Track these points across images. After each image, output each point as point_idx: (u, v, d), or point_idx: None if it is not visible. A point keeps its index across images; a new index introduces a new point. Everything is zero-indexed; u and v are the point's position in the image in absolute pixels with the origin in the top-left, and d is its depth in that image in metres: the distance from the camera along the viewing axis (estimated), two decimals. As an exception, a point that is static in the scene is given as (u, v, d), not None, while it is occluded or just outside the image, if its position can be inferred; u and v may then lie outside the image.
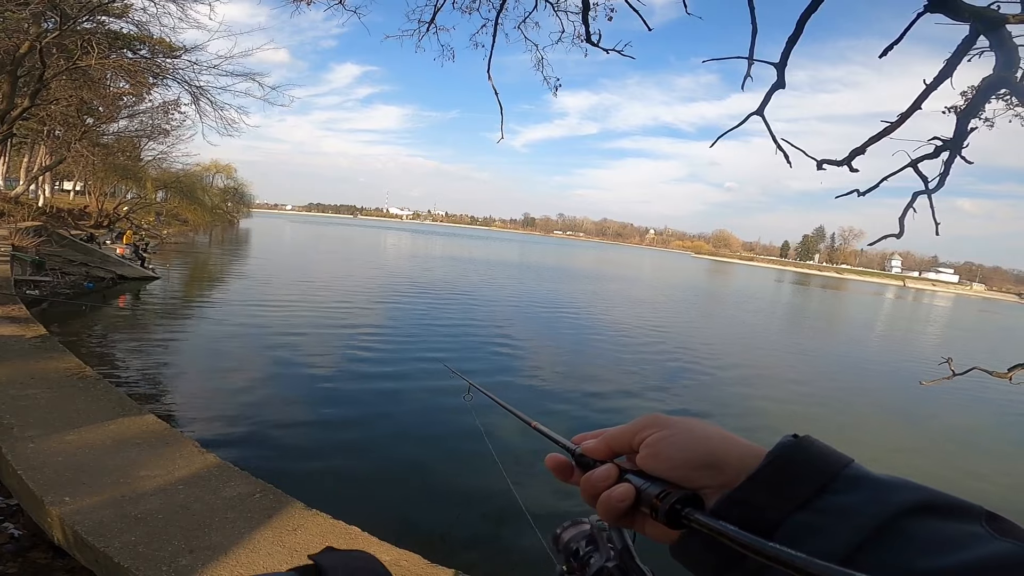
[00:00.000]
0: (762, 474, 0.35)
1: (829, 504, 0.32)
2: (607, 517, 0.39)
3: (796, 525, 0.32)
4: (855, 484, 0.33)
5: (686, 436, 0.38)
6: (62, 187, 38.91)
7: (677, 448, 0.38)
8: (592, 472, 0.40)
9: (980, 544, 0.29)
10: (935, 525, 0.30)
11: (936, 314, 42.60)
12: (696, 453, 0.37)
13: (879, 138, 3.07)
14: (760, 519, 0.33)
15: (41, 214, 19.33)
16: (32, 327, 4.97)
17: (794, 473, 0.34)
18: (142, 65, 15.55)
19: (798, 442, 0.36)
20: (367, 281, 19.21)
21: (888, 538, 0.30)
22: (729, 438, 0.38)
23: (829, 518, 0.32)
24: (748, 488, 0.34)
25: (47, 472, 2.34)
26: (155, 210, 33.17)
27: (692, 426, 0.39)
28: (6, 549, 2.29)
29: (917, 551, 0.29)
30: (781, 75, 3.10)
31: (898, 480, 0.34)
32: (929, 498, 0.32)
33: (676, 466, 0.37)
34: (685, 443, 0.38)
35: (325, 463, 4.93)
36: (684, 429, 0.39)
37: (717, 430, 0.39)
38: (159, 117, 23.61)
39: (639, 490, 0.37)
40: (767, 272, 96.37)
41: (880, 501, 0.32)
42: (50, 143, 22.77)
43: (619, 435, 0.41)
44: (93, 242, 16.54)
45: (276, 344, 9.00)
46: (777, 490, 0.34)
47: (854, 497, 0.32)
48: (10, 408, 2.99)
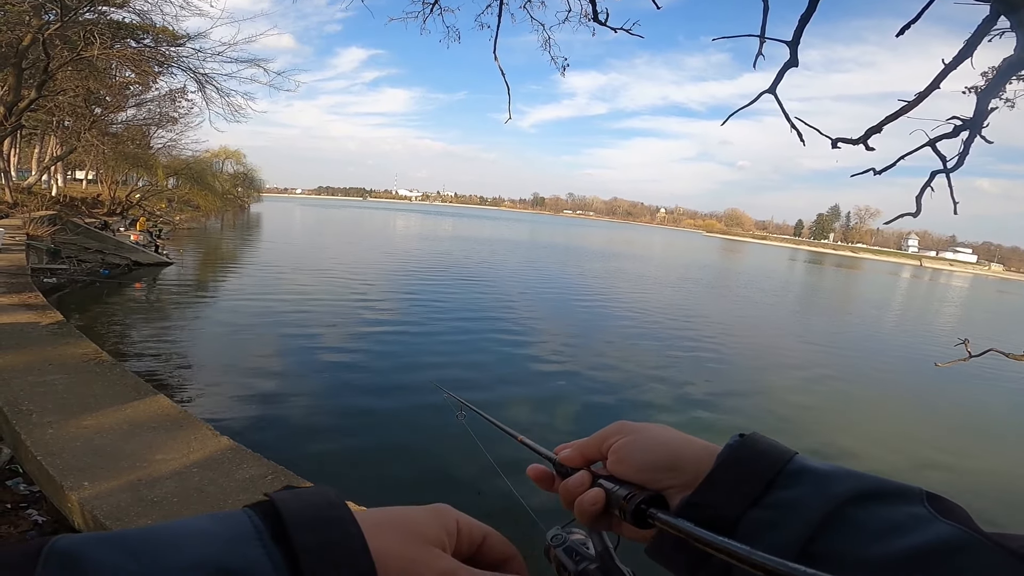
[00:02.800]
0: (715, 475, 0.37)
1: (778, 499, 0.35)
2: (583, 520, 0.41)
3: (752, 521, 0.35)
4: (798, 478, 0.35)
5: (648, 441, 0.41)
6: (74, 176, 39.29)
7: (640, 452, 0.40)
8: (568, 480, 0.43)
9: (924, 526, 0.31)
10: (878, 511, 0.32)
11: (953, 294, 41.94)
12: (657, 456, 0.40)
13: (896, 117, 2.99)
14: (719, 517, 0.35)
15: (55, 203, 19.59)
16: (49, 314, 5.06)
17: (743, 472, 0.37)
18: (146, 54, 15.55)
19: (744, 441, 0.38)
20: (378, 265, 19.28)
21: (836, 527, 0.32)
22: (687, 441, 0.41)
23: (779, 512, 0.34)
24: (704, 489, 0.37)
25: (66, 457, 2.40)
26: (167, 197, 33.43)
27: (654, 432, 0.42)
28: (30, 536, 2.36)
29: (865, 537, 0.31)
30: (794, 53, 3.02)
31: (839, 470, 0.35)
32: (869, 486, 0.33)
33: (641, 469, 0.40)
34: (647, 447, 0.40)
35: (335, 446, 5.01)
36: (646, 435, 0.42)
37: (677, 434, 0.42)
38: (166, 105, 23.72)
39: (609, 493, 0.40)
40: (780, 251, 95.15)
41: (823, 493, 0.33)
42: (60, 133, 22.96)
43: (590, 443, 0.44)
44: (107, 229, 16.74)
45: (288, 328, 9.10)
46: (730, 489, 0.36)
47: (799, 491, 0.34)
48: (29, 394, 3.07)
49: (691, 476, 0.38)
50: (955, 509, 0.33)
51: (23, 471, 2.89)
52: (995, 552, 0.29)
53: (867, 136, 3.18)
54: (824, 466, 0.36)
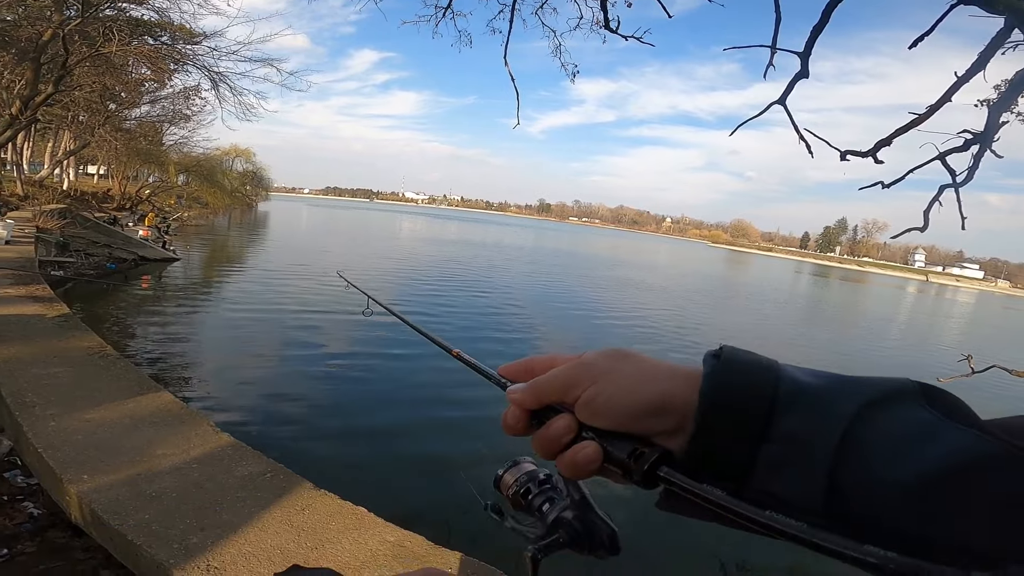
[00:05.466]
0: (709, 416, 0.33)
1: (785, 432, 0.32)
2: (568, 474, 0.37)
3: (766, 462, 0.32)
4: (796, 401, 0.33)
5: (627, 385, 0.36)
6: (86, 171, 39.63)
7: (622, 402, 0.36)
8: (550, 426, 0.38)
9: (937, 437, 0.29)
10: (885, 425, 0.30)
11: (958, 310, 41.62)
12: (641, 402, 0.36)
13: (906, 129, 2.98)
14: (731, 463, 0.33)
15: (65, 197, 19.76)
16: (55, 306, 5.09)
17: (736, 405, 0.33)
18: (163, 52, 15.71)
19: (723, 365, 0.34)
20: (384, 267, 19.33)
21: (851, 453, 0.30)
22: (668, 373, 0.36)
23: (791, 447, 0.32)
24: (703, 436, 0.34)
25: (67, 450, 2.41)
26: (176, 193, 33.68)
27: (628, 371, 0.37)
28: (24, 528, 2.36)
29: (882, 460, 0.29)
30: (805, 65, 3.02)
31: (830, 383, 0.33)
32: (867, 395, 0.32)
33: (621, 422, 0.36)
34: (628, 394, 0.36)
35: (335, 445, 5.01)
36: (622, 377, 0.37)
37: (654, 367, 0.37)
38: (180, 103, 23.90)
39: (607, 450, 0.36)
40: (786, 263, 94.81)
41: (829, 416, 0.31)
42: (74, 128, 23.15)
43: (548, 386, 0.39)
44: (116, 224, 16.86)
45: (291, 326, 9.13)
46: (731, 430, 0.33)
47: (803, 417, 0.32)
48: (33, 386, 3.08)
49: (679, 418, 0.35)
50: (955, 405, 0.31)
51: (22, 463, 2.90)
52: (1017, 461, 0.27)
53: (877, 149, 3.17)
54: (811, 378, 0.34)
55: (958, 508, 0.27)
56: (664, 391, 0.35)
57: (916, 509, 0.28)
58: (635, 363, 0.37)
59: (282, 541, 1.98)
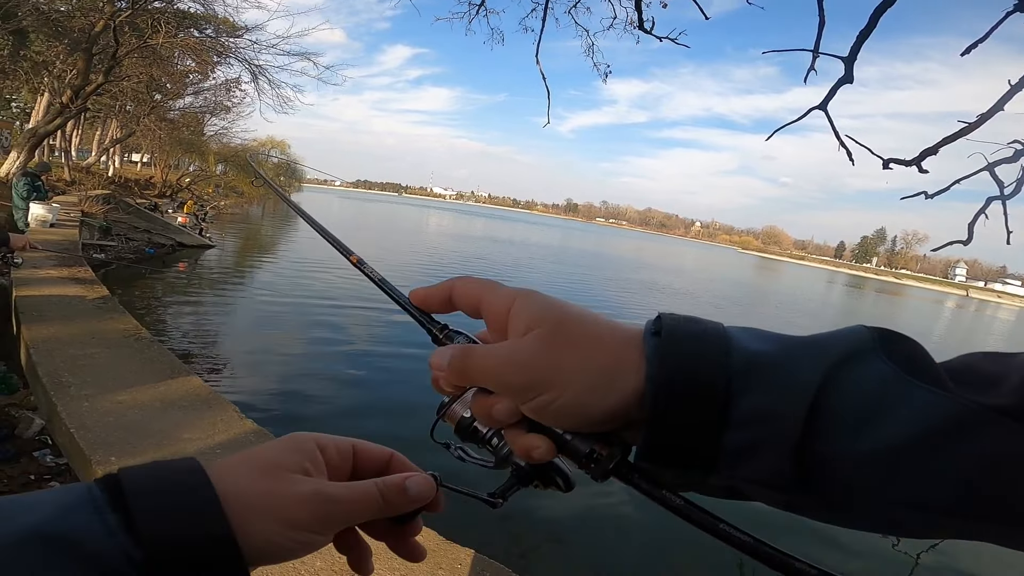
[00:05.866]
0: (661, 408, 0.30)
1: (746, 413, 0.29)
2: (518, 455, 0.35)
3: (730, 452, 0.30)
4: (751, 374, 0.30)
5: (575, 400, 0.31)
6: (130, 158, 41.11)
7: (570, 414, 0.32)
8: (491, 407, 0.33)
9: (902, 399, 0.28)
10: (850, 389, 0.28)
11: (998, 327, 39.77)
12: (594, 415, 0.31)
13: (955, 138, 2.85)
14: (693, 455, 0.30)
15: (110, 183, 20.54)
16: (96, 288, 5.29)
17: (689, 392, 0.29)
18: (207, 44, 16.17)
19: (668, 340, 0.31)
20: (410, 261, 19.53)
21: (816, 427, 0.28)
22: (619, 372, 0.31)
23: (754, 430, 0.29)
24: (658, 430, 0.30)
25: (97, 431, 2.50)
26: (214, 182, 34.69)
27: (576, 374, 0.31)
28: None
29: (847, 432, 0.28)
30: (849, 70, 2.91)
31: (780, 347, 0.31)
32: (829, 359, 0.29)
33: (575, 427, 0.33)
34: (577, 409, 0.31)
35: (357, 435, 5.07)
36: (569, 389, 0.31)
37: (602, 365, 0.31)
38: (221, 94, 24.55)
39: (561, 448, 0.33)
40: (818, 273, 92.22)
41: (790, 389, 0.29)
42: (121, 117, 24.05)
43: (481, 379, 0.34)
44: (156, 211, 17.45)
45: (319, 317, 9.29)
46: (688, 421, 0.30)
47: (762, 394, 0.29)
48: (70, 366, 3.20)
49: (636, 407, 0.31)
50: (913, 354, 0.30)
51: (52, 443, 3.01)
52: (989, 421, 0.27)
53: (922, 158, 3.04)
54: (763, 344, 0.31)
55: (927, 474, 0.27)
56: (625, 394, 0.31)
57: (885, 477, 0.27)
58: (583, 353, 0.31)
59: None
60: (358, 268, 0.41)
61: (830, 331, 0.32)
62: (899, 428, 0.27)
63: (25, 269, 5.37)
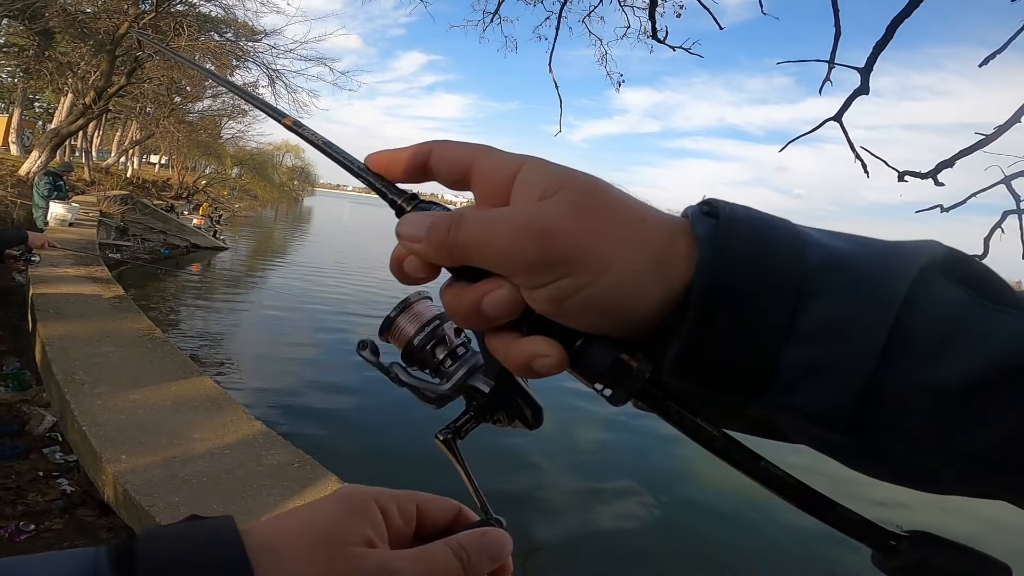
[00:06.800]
0: (712, 309, 0.23)
1: (814, 324, 0.23)
2: (513, 371, 0.27)
3: (790, 371, 0.23)
4: (831, 279, 0.23)
5: (611, 292, 0.24)
6: (149, 160, 41.85)
7: (602, 309, 0.24)
8: (481, 296, 0.25)
9: (982, 328, 0.22)
10: (927, 311, 0.23)
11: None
12: (632, 313, 0.24)
13: (971, 151, 2.82)
14: (741, 372, 0.24)
15: (128, 184, 20.91)
16: (112, 287, 5.37)
17: (753, 289, 0.23)
18: (227, 48, 16.45)
19: (727, 228, 0.24)
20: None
21: (896, 353, 0.22)
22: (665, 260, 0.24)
23: (823, 346, 0.23)
24: (705, 338, 0.23)
25: (109, 429, 2.53)
26: (230, 185, 35.19)
27: (613, 260, 0.24)
28: (55, 505, 2.48)
29: (924, 359, 0.22)
30: (865, 81, 2.89)
31: (859, 247, 0.25)
32: (915, 268, 0.24)
33: (599, 328, 0.25)
34: (613, 303, 0.24)
35: (364, 440, 5.09)
36: (605, 278, 0.23)
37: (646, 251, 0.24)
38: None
39: (576, 358, 0.25)
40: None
41: (875, 302, 0.23)
42: (141, 119, 24.50)
43: (478, 254, 0.25)
44: (172, 212, 17.72)
45: (329, 320, 9.35)
46: (743, 325, 0.23)
47: (843, 305, 0.23)
48: (84, 364, 3.25)
49: (674, 302, 0.24)
50: (983, 275, 0.24)
51: (62, 440, 3.03)
52: None
53: (937, 170, 3.00)
54: (834, 240, 0.25)
55: (997, 417, 0.22)
56: (673, 288, 0.24)
57: (951, 418, 0.22)
58: (626, 229, 0.24)
59: (303, 533, 2.02)
60: (294, 130, 0.32)
61: (905, 240, 0.26)
62: (976, 361, 0.22)
63: (43, 267, 5.46)
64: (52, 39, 16.00)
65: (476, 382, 0.33)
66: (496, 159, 0.27)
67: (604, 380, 0.25)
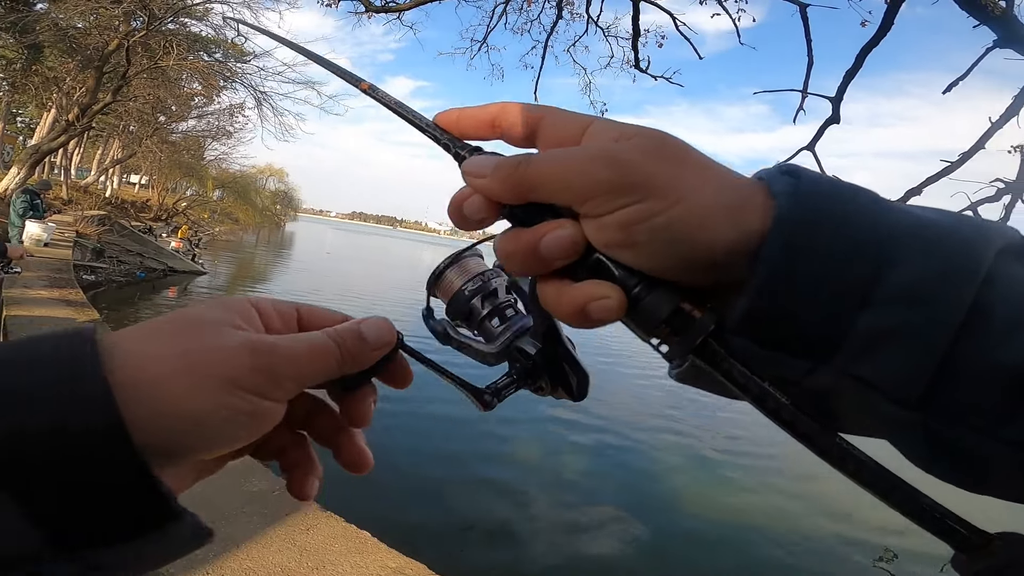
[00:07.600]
0: (788, 265, 0.22)
1: (894, 289, 0.22)
2: (566, 320, 0.25)
3: (864, 336, 0.22)
4: (913, 237, 0.22)
5: (689, 219, 0.23)
6: (128, 179, 41.33)
7: (675, 239, 0.23)
8: (541, 236, 0.24)
9: None
10: (1006, 286, 0.22)
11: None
12: (709, 249, 0.23)
13: (937, 178, 2.95)
14: (811, 335, 0.22)
15: (107, 204, 20.55)
16: (86, 311, 5.23)
17: (834, 247, 0.22)
18: (215, 68, 16.50)
19: (808, 185, 0.23)
20: (402, 298, 19.51)
21: (976, 326, 0.21)
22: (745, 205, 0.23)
23: (902, 312, 0.21)
24: (779, 288, 0.22)
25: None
26: (211, 208, 34.81)
27: (691, 192, 0.23)
28: None
29: (1000, 336, 0.21)
30: (836, 110, 3.03)
31: (944, 217, 0.23)
32: (1000, 239, 0.23)
33: (666, 267, 0.23)
34: (688, 233, 0.23)
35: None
36: (683, 204, 0.23)
37: (724, 191, 0.24)
38: (224, 119, 24.93)
39: (635, 304, 0.23)
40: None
41: (960, 269, 0.22)
42: (123, 137, 24.28)
43: (549, 182, 0.24)
44: (150, 234, 17.44)
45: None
46: (821, 284, 0.22)
47: (925, 270, 0.22)
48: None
49: (746, 251, 0.23)
50: None
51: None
52: None
53: (906, 198, 3.12)
54: (917, 208, 0.24)
55: None
56: (749, 233, 0.23)
57: (1017, 404, 0.21)
58: (703, 173, 0.24)
59: (284, 559, 1.96)
60: (370, 95, 0.33)
61: (981, 218, 0.26)
62: None
63: (16, 288, 5.32)
64: (41, 53, 15.85)
65: (523, 343, 0.31)
66: (567, 114, 0.27)
67: (661, 333, 0.24)
